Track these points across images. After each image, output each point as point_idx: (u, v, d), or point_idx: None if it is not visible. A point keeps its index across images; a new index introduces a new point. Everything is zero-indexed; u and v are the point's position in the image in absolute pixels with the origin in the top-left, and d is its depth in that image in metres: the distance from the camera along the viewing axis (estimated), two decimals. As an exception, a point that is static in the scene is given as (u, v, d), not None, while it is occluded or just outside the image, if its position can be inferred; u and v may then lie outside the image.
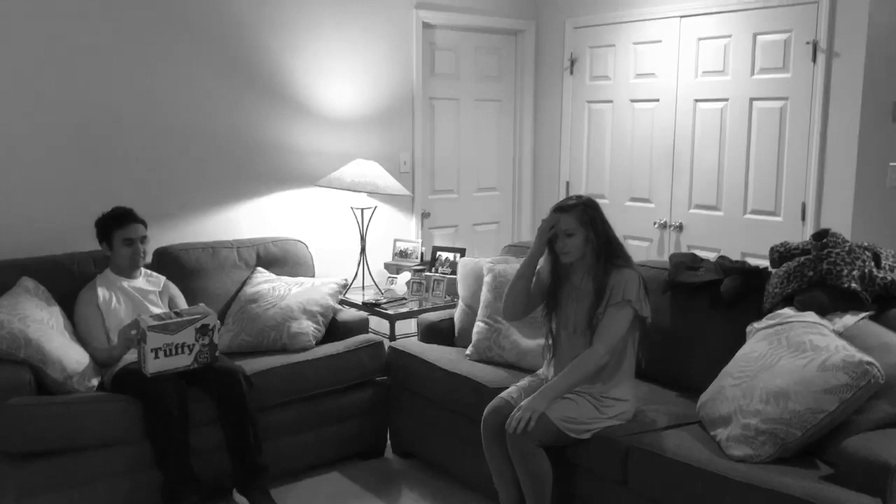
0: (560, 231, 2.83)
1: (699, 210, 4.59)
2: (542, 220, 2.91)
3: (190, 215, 4.12)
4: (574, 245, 2.83)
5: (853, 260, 2.77)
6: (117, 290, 3.39)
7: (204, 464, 3.11)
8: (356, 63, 4.59)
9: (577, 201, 2.87)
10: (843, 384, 2.37)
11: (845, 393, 2.37)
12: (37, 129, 3.66)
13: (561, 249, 2.85)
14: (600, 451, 2.72)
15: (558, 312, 2.95)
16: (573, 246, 2.83)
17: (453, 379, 3.32)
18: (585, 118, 5.16)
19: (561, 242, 2.84)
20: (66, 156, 3.75)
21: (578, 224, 2.82)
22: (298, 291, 3.78)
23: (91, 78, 3.77)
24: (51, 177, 3.71)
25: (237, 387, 3.15)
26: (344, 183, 4.21)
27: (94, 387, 3.14)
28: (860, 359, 2.39)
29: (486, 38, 5.24)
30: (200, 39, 4.06)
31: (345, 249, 4.57)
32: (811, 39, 3.99)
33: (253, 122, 4.27)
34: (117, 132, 3.87)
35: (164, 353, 3.04)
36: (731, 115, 4.38)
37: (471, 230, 5.35)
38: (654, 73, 4.72)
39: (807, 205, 4.11)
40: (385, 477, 3.60)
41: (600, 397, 2.81)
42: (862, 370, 2.37)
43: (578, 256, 2.86)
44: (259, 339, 3.62)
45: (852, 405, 2.39)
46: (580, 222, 2.82)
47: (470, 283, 3.73)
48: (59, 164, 3.73)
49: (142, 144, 3.94)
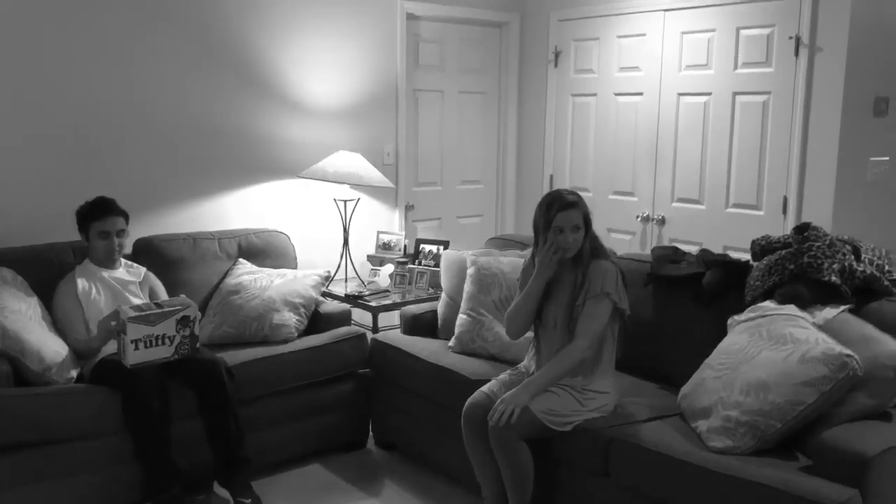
0: (568, 226, 2.79)
1: (682, 203, 4.61)
2: (544, 245, 2.82)
3: (171, 206, 4.09)
4: (578, 240, 2.82)
5: (833, 253, 2.79)
6: (97, 280, 3.36)
7: (185, 456, 3.08)
8: (340, 54, 4.57)
9: (576, 196, 2.86)
10: (823, 376, 2.39)
11: (825, 385, 2.39)
12: (16, 118, 3.62)
13: (566, 244, 2.81)
14: (582, 443, 2.73)
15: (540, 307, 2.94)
16: (578, 240, 2.82)
17: (436, 371, 3.32)
18: (569, 111, 5.16)
19: (568, 237, 2.80)
20: (46, 145, 3.70)
21: (583, 219, 2.82)
22: (280, 283, 3.76)
23: (72, 67, 3.73)
24: (30, 166, 3.67)
25: (218, 378, 3.13)
26: (327, 174, 4.19)
27: (73, 378, 3.11)
28: (839, 351, 2.41)
29: (470, 29, 5.23)
30: (181, 29, 4.02)
31: (328, 241, 4.55)
32: (794, 34, 4.01)
33: (235, 113, 4.24)
34: (99, 122, 3.83)
35: (145, 345, 3.02)
36: (714, 109, 4.40)
37: (455, 223, 5.35)
38: (638, 66, 4.73)
39: (788, 199, 4.13)
40: (367, 469, 3.60)
41: (582, 390, 2.81)
42: (841, 362, 2.39)
43: (578, 249, 2.84)
44: (241, 331, 3.60)
45: (832, 397, 2.41)
46: (584, 218, 2.83)
47: (453, 275, 3.73)
48: (39, 153, 3.69)
49: (123, 134, 3.91)
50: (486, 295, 3.48)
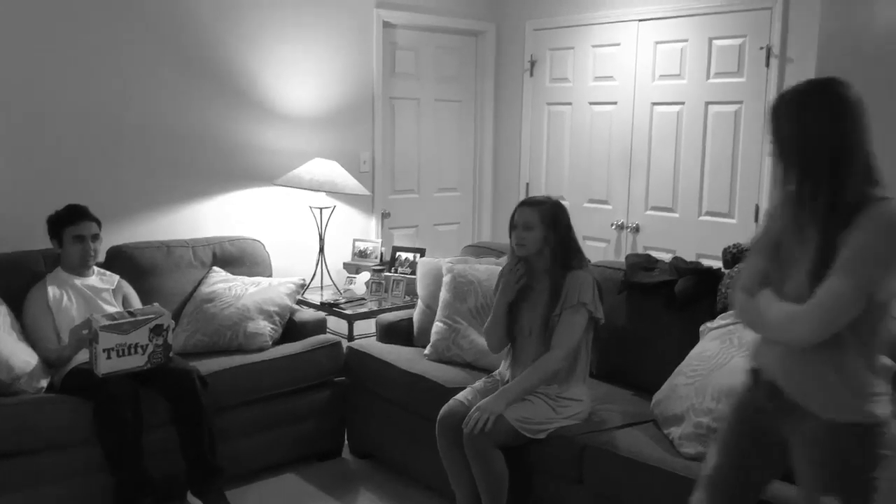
0: (521, 222, 2.86)
1: (655, 212, 4.65)
2: (505, 268, 2.94)
3: (144, 213, 4.06)
4: (530, 239, 2.85)
5: (803, 261, 2.83)
6: (69, 288, 3.33)
7: (158, 466, 3.05)
8: (316, 61, 4.57)
9: (544, 199, 2.91)
10: None
11: None
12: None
13: (517, 241, 2.87)
14: (556, 450, 2.74)
15: (515, 315, 2.96)
16: (529, 239, 2.85)
17: (411, 379, 3.32)
18: (545, 120, 5.19)
19: (519, 233, 2.86)
20: (15, 152, 3.66)
21: (539, 220, 2.84)
22: (255, 291, 3.74)
23: (43, 73, 3.69)
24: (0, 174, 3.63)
25: (191, 387, 3.11)
26: (303, 182, 4.18)
27: (44, 388, 3.08)
28: None
29: (446, 38, 5.25)
30: (156, 35, 4.00)
31: (303, 249, 4.54)
32: (765, 45, 4.07)
33: (210, 119, 4.22)
34: (70, 128, 3.80)
35: (117, 354, 2.99)
36: (687, 119, 4.45)
37: (431, 230, 5.36)
38: (612, 76, 4.77)
39: (760, 207, 4.19)
40: (342, 478, 3.58)
41: (556, 398, 2.83)
42: None
43: (533, 252, 2.87)
44: (215, 339, 3.58)
45: None
46: (542, 219, 2.84)
47: (429, 283, 3.73)
48: (8, 160, 3.64)
49: (96, 141, 3.87)
50: (462, 303, 3.49)
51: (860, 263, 1.74)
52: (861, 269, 1.74)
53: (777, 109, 1.89)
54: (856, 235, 1.75)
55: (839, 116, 1.81)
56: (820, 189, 1.81)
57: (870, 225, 1.75)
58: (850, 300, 1.75)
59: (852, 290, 1.74)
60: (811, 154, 1.82)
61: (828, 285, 1.76)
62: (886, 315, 1.83)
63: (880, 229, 1.75)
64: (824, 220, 1.80)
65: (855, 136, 1.81)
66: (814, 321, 1.77)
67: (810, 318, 1.77)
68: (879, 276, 1.76)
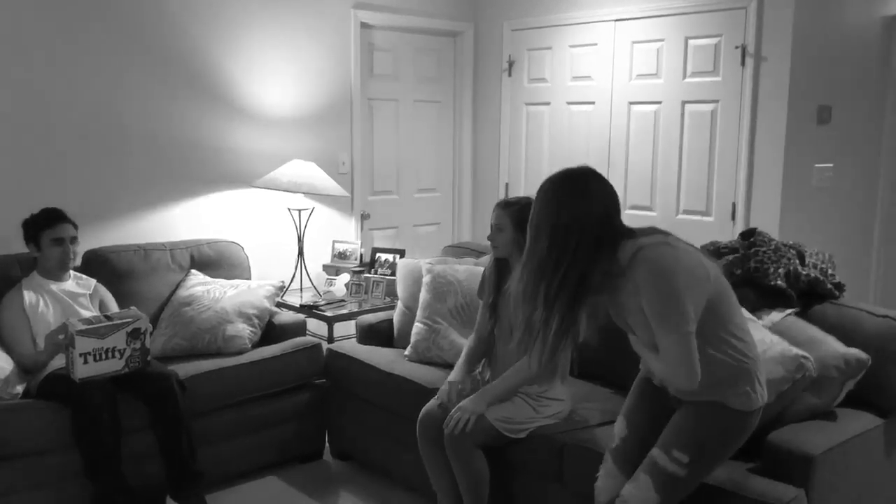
0: (493, 224, 2.91)
1: (634, 210, 4.67)
2: (486, 269, 3.06)
3: (121, 217, 4.02)
4: (501, 241, 2.89)
5: (779, 258, 2.86)
6: (45, 293, 3.29)
7: (136, 471, 3.03)
8: (294, 63, 4.55)
9: (517, 201, 2.93)
10: (781, 377, 2.43)
11: (782, 385, 2.44)
12: (-42, 128, 3.54)
13: (491, 242, 2.94)
14: (536, 449, 2.75)
15: (497, 315, 2.97)
16: (500, 241, 2.90)
17: (392, 380, 3.31)
18: (524, 120, 5.21)
19: (492, 235, 2.92)
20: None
21: (510, 221, 2.86)
22: (234, 294, 3.72)
23: (14, 78, 3.65)
24: (-27, 177, 3.59)
25: (170, 391, 3.09)
26: (281, 184, 4.17)
27: (19, 394, 3.05)
28: (796, 353, 2.47)
29: (424, 39, 5.25)
30: (132, 36, 3.96)
31: (282, 251, 4.52)
32: (740, 44, 4.11)
33: (187, 121, 4.19)
34: (44, 131, 3.75)
35: (94, 358, 2.96)
36: (664, 118, 4.48)
37: (412, 231, 5.35)
38: (589, 75, 4.79)
39: (737, 205, 4.22)
40: (324, 480, 3.57)
41: (537, 397, 2.84)
42: (797, 364, 2.45)
43: (507, 254, 2.90)
44: (193, 343, 3.55)
45: (787, 397, 2.47)
46: (512, 220, 2.85)
47: (409, 284, 3.73)
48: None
49: (70, 144, 3.83)
50: (442, 303, 3.49)
51: (665, 317, 2.02)
52: (669, 319, 2.02)
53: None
54: (644, 296, 2.04)
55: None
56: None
57: (644, 281, 2.03)
58: (686, 343, 2.02)
59: (679, 336, 2.02)
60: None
61: (664, 348, 2.05)
62: (719, 317, 2.11)
63: (651, 281, 2.02)
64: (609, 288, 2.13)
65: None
66: (681, 375, 2.05)
67: (678, 374, 2.06)
68: (685, 311, 2.01)
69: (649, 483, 2.15)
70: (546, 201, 2.14)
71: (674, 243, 2.11)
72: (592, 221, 2.08)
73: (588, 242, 2.06)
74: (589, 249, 2.07)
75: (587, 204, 2.10)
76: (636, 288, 2.05)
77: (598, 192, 2.15)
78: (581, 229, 2.07)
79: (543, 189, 2.18)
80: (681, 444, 2.15)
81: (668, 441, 2.17)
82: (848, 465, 2.44)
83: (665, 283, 2.02)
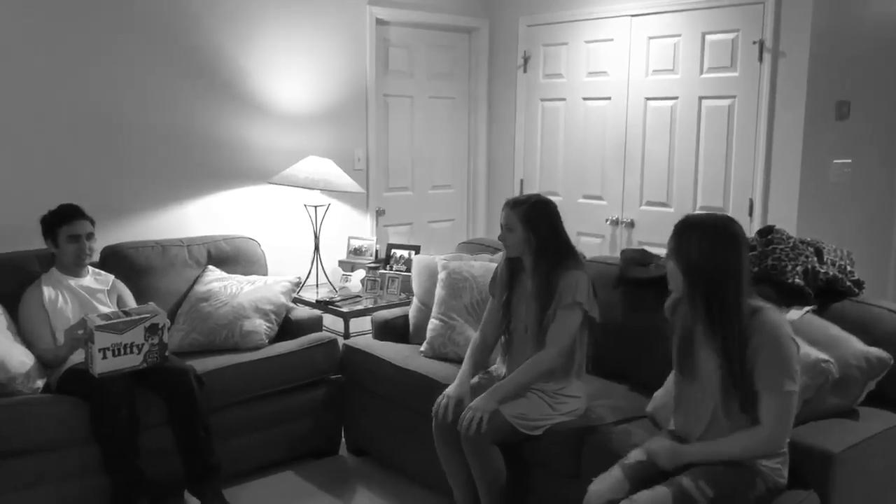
0: (503, 224, 2.90)
1: (650, 207, 4.66)
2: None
3: (139, 213, 4.05)
4: (512, 240, 2.87)
5: (797, 256, 2.84)
6: (64, 288, 3.32)
7: (154, 465, 3.05)
8: (310, 59, 4.56)
9: (526, 199, 2.91)
10: (804, 386, 2.38)
11: (807, 393, 2.41)
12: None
13: (503, 242, 2.92)
14: (554, 446, 2.75)
15: (511, 312, 2.96)
16: (511, 241, 2.88)
17: (407, 376, 3.32)
18: (539, 116, 5.19)
19: (502, 235, 2.91)
20: (8, 153, 3.65)
21: (519, 221, 2.84)
22: (250, 290, 3.74)
23: (35, 74, 3.68)
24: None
25: (187, 386, 3.11)
26: (297, 180, 4.18)
27: (40, 388, 3.07)
28: (816, 358, 2.43)
29: (439, 35, 5.24)
30: (150, 34, 3.98)
31: (298, 247, 4.54)
32: (757, 39, 4.08)
33: (205, 118, 4.21)
34: (64, 128, 3.78)
35: (113, 354, 2.98)
36: (680, 113, 4.45)
37: (426, 227, 5.35)
38: (605, 71, 4.77)
39: (754, 201, 4.20)
40: (339, 475, 3.58)
41: (553, 394, 2.83)
42: (819, 369, 2.41)
43: (518, 253, 2.89)
44: (210, 338, 3.57)
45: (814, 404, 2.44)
46: (521, 220, 2.84)
47: (424, 280, 3.73)
48: (2, 161, 3.63)
49: (89, 142, 3.86)
50: (458, 299, 3.49)
51: (784, 377, 2.15)
52: (791, 377, 2.15)
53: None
54: (760, 356, 2.17)
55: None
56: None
57: (770, 341, 2.17)
58: (795, 403, 2.18)
59: (795, 396, 2.17)
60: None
61: (767, 408, 2.17)
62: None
63: (772, 344, 2.17)
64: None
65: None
66: (779, 434, 2.20)
67: (775, 432, 2.19)
68: (795, 373, 2.17)
69: (668, 497, 2.14)
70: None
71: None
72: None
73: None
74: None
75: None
76: (753, 350, 2.17)
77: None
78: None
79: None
80: (709, 480, 2.16)
81: (698, 472, 2.19)
82: (868, 463, 2.42)
83: (785, 347, 2.17)
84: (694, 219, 2.32)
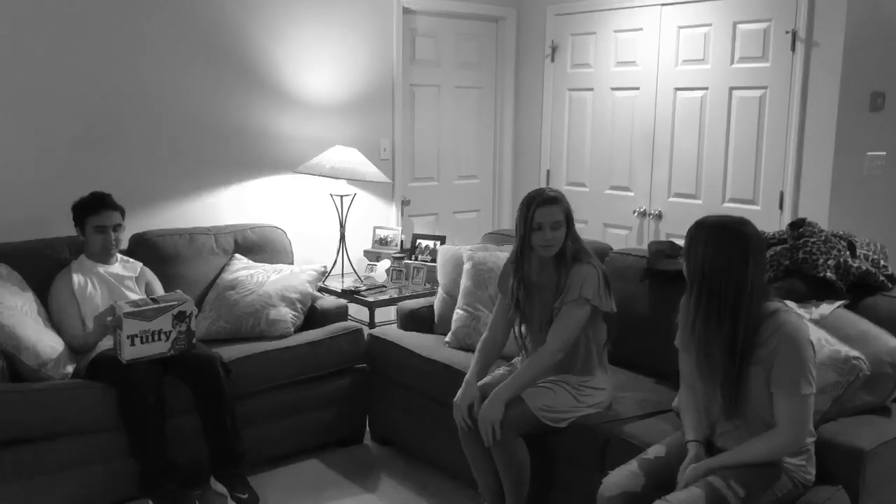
0: (548, 222, 2.75)
1: (678, 198, 4.61)
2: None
3: (167, 201, 4.08)
4: (559, 237, 2.77)
5: (829, 249, 2.79)
6: (93, 275, 3.36)
7: (181, 451, 3.09)
8: (336, 49, 4.56)
9: (556, 193, 2.83)
10: (834, 382, 2.37)
11: (836, 390, 2.38)
12: (12, 114, 3.61)
13: (546, 241, 2.76)
14: (579, 439, 2.73)
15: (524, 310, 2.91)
16: (559, 238, 2.77)
17: (432, 366, 3.32)
18: (566, 106, 5.15)
19: (546, 234, 2.75)
20: (41, 140, 3.69)
21: (564, 217, 2.78)
22: (277, 278, 3.75)
23: (69, 64, 3.71)
24: (26, 162, 3.66)
25: (214, 374, 3.13)
26: (323, 170, 4.19)
27: (69, 374, 3.11)
28: (846, 354, 2.39)
29: (466, 24, 5.21)
30: (178, 25, 4.00)
31: (324, 236, 4.55)
32: (790, 29, 4.01)
33: (232, 107, 4.22)
34: (95, 117, 3.82)
35: (141, 340, 3.02)
36: (710, 104, 4.40)
37: (451, 218, 5.34)
38: (634, 61, 4.72)
39: (785, 193, 4.14)
40: (364, 464, 3.60)
41: (579, 386, 2.81)
42: (850, 366, 2.37)
43: (557, 250, 2.80)
44: (237, 326, 3.60)
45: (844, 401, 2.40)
46: (565, 214, 2.79)
47: (449, 270, 3.73)
48: (35, 148, 3.68)
49: (119, 130, 3.90)
50: (483, 290, 3.48)
51: (801, 379, 2.13)
52: (807, 380, 2.14)
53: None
54: (780, 357, 2.15)
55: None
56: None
57: (786, 343, 2.15)
58: (812, 405, 2.17)
59: (811, 398, 2.16)
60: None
61: (783, 409, 2.16)
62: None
63: (788, 347, 2.15)
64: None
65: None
66: (799, 434, 2.18)
67: (795, 432, 2.18)
68: (812, 376, 2.15)
69: (701, 498, 2.12)
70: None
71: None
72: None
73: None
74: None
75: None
76: (770, 352, 2.16)
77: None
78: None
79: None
80: (739, 479, 2.15)
81: (727, 473, 2.18)
82: (900, 460, 2.38)
83: (802, 350, 2.15)
84: (705, 220, 2.30)
